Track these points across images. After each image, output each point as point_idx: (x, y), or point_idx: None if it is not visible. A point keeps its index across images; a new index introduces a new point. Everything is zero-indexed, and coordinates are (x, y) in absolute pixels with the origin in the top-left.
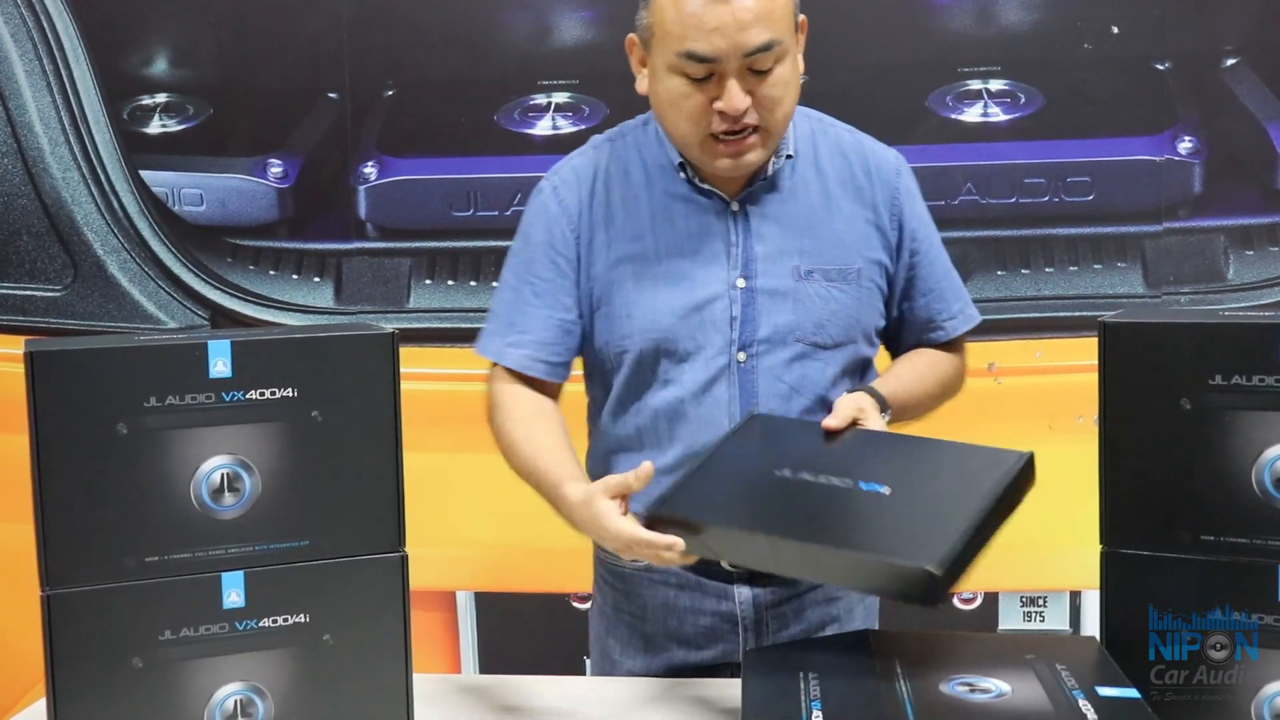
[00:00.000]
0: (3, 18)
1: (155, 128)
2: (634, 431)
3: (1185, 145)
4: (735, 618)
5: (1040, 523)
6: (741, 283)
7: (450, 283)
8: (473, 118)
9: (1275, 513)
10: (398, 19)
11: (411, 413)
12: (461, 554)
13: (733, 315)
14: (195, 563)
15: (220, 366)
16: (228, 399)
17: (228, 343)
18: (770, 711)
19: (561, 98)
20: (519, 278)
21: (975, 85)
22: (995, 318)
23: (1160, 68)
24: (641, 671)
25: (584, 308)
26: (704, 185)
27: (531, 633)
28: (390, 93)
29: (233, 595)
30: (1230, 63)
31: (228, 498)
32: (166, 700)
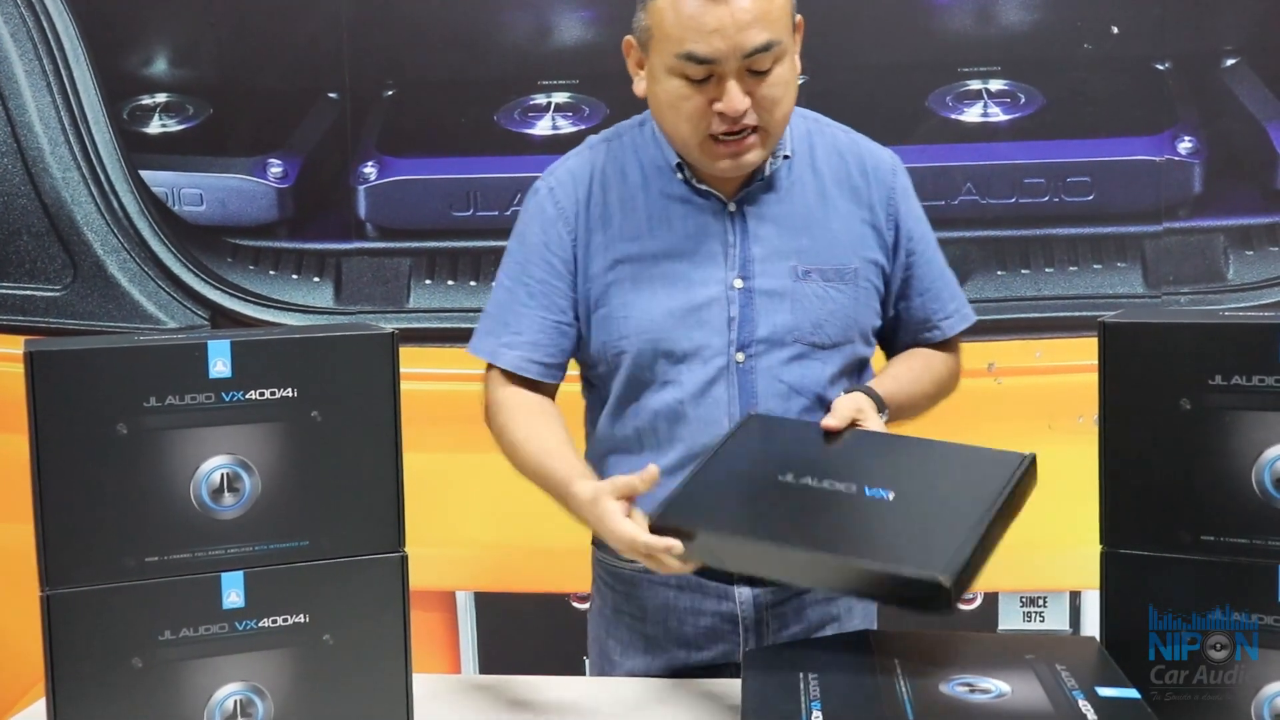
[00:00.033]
0: (2, 17)
1: (155, 128)
2: (632, 433)
3: (1185, 145)
4: (735, 618)
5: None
6: (739, 283)
7: (450, 283)
8: (472, 118)
9: (1275, 513)
10: (398, 19)
11: (411, 413)
12: (461, 554)
13: (730, 316)
14: (195, 563)
15: (220, 366)
16: (227, 399)
17: (227, 343)
18: (770, 711)
19: (561, 98)
20: (514, 279)
21: (975, 85)
22: (995, 318)
23: (1160, 68)
24: (642, 672)
25: (580, 309)
26: (701, 186)
27: (531, 633)
28: (390, 93)
29: (232, 595)
30: (1230, 63)
31: (227, 498)
32: (166, 700)
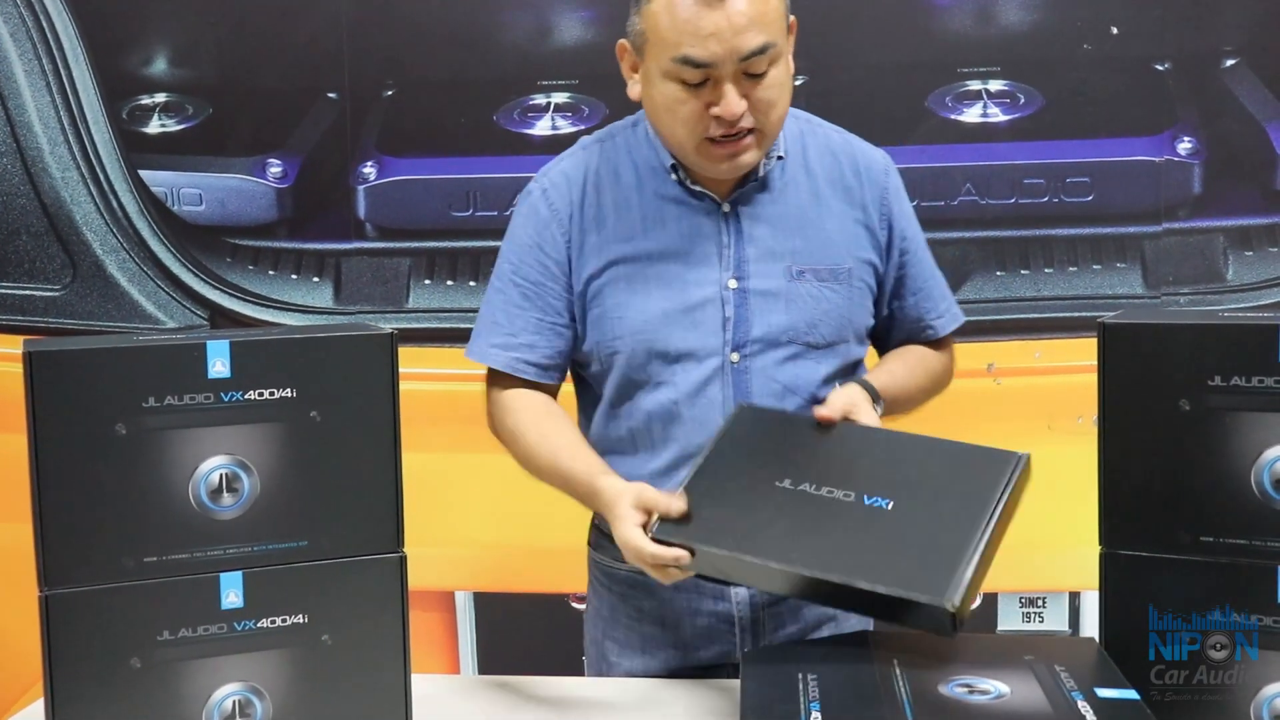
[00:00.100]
0: (2, 17)
1: (154, 127)
2: (626, 434)
3: (1185, 146)
4: (732, 618)
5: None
6: (733, 284)
7: (449, 283)
8: (472, 118)
9: (1274, 514)
10: (397, 19)
11: (410, 413)
12: (460, 554)
13: (726, 316)
14: (194, 563)
15: (219, 367)
16: (226, 399)
17: (227, 343)
18: (769, 712)
19: (561, 98)
20: (507, 281)
21: (975, 86)
22: (995, 318)
23: (1160, 68)
24: (639, 673)
25: (575, 311)
26: (695, 187)
27: (530, 633)
28: (390, 93)
29: (231, 595)
30: (1230, 63)
31: (226, 498)
32: (165, 701)
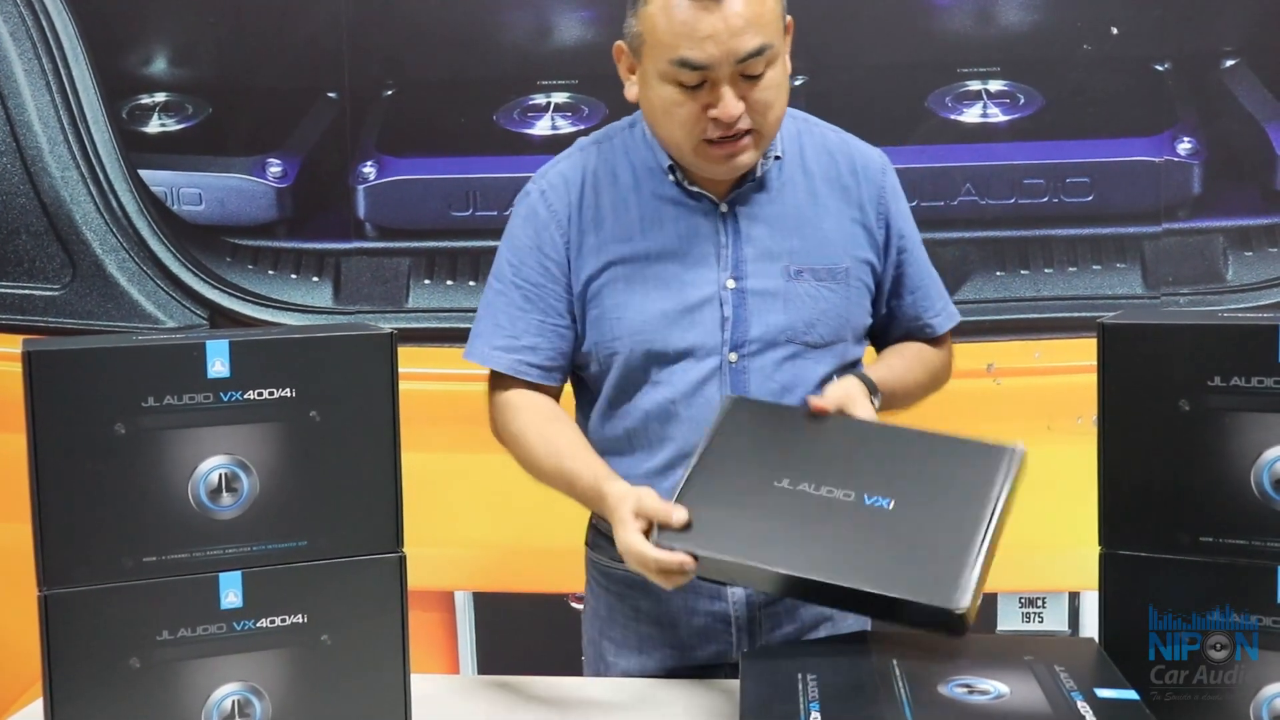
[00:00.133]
0: (2, 17)
1: (154, 127)
2: (623, 434)
3: (1184, 146)
4: (729, 618)
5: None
6: (732, 284)
7: (449, 283)
8: (472, 117)
9: (1274, 514)
10: (397, 19)
11: (410, 413)
12: (460, 554)
13: (724, 316)
14: (193, 563)
15: (218, 366)
16: (226, 399)
17: (226, 343)
18: (769, 712)
19: (561, 98)
20: (506, 283)
21: (975, 86)
22: (994, 318)
23: (1160, 68)
24: (636, 672)
25: (574, 311)
26: (693, 188)
27: (530, 633)
28: (389, 92)
29: (230, 595)
30: (1230, 64)
31: (226, 498)
32: (164, 701)
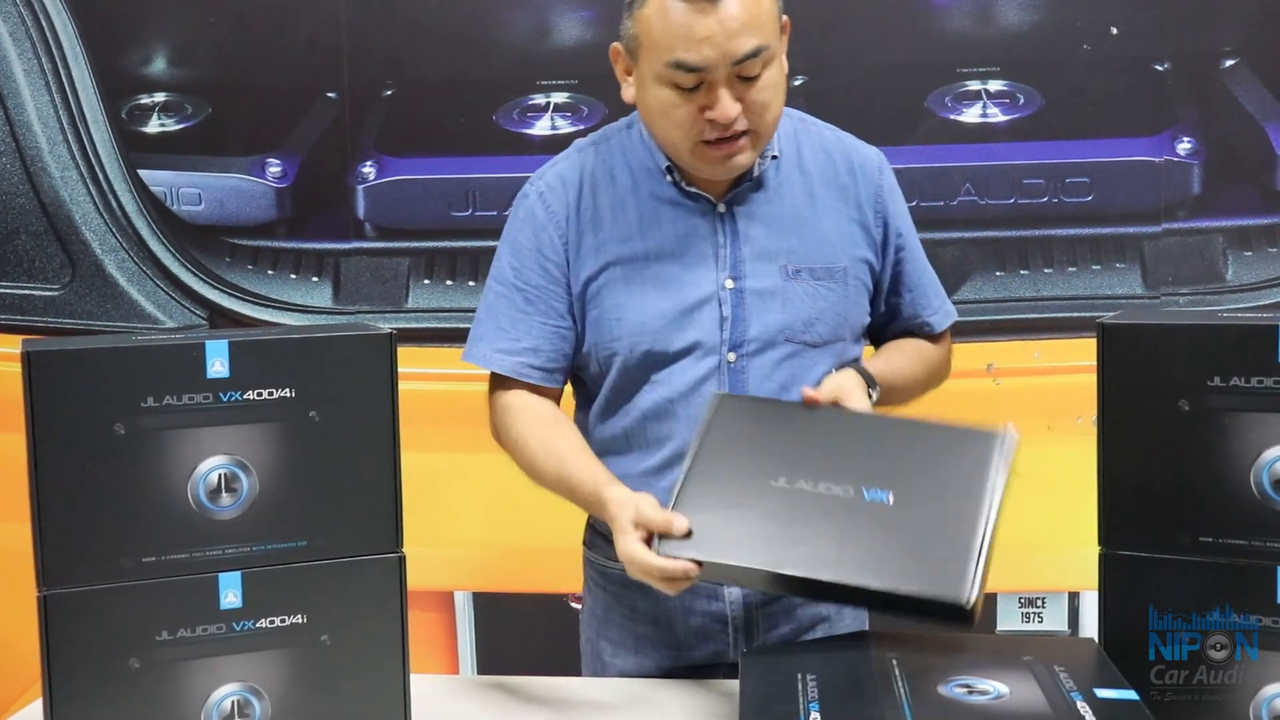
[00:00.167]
0: (1, 16)
1: (154, 127)
2: (621, 433)
3: (1184, 146)
4: (725, 618)
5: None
6: (730, 284)
7: (449, 283)
8: (471, 118)
9: (1274, 515)
10: (397, 19)
11: (410, 413)
12: (459, 554)
13: (723, 316)
14: (192, 563)
15: (218, 367)
16: (225, 399)
17: (225, 343)
18: (768, 712)
19: (560, 98)
20: (507, 285)
21: (974, 86)
22: (994, 318)
23: (1159, 68)
24: (633, 672)
25: (574, 312)
26: (690, 188)
27: (529, 633)
28: (389, 92)
29: (230, 596)
30: (1229, 64)
31: (225, 498)
32: (163, 701)
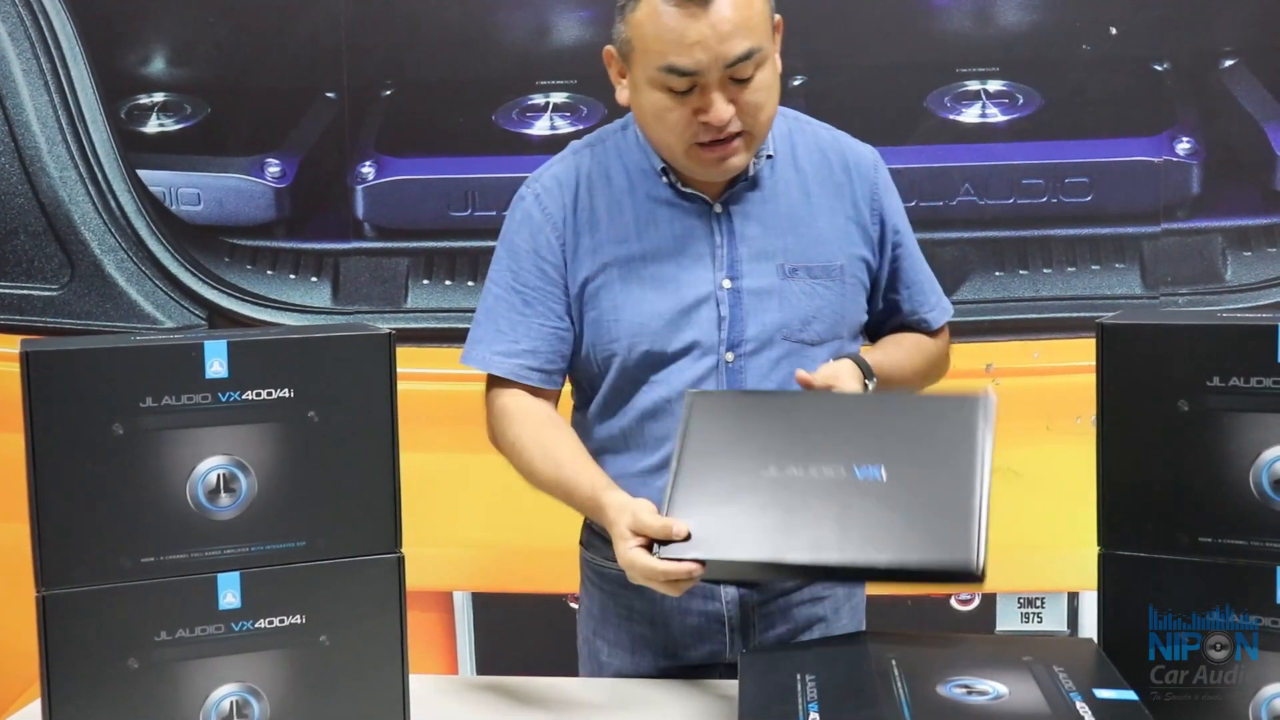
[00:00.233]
0: (0, 16)
1: (153, 127)
2: (619, 433)
3: (1183, 146)
4: (722, 618)
5: (1038, 524)
6: (727, 283)
7: (448, 283)
8: (471, 118)
9: (1273, 515)
10: (396, 19)
11: (409, 413)
12: (458, 554)
13: (721, 315)
14: (191, 563)
15: (216, 367)
16: (224, 399)
17: (224, 343)
18: (767, 712)
19: (560, 98)
20: (505, 287)
21: (973, 86)
22: (993, 318)
23: (1159, 69)
24: (630, 672)
25: (572, 313)
26: (686, 189)
27: (528, 633)
28: (388, 92)
29: (229, 596)
30: (1228, 64)
31: (224, 498)
32: (162, 701)
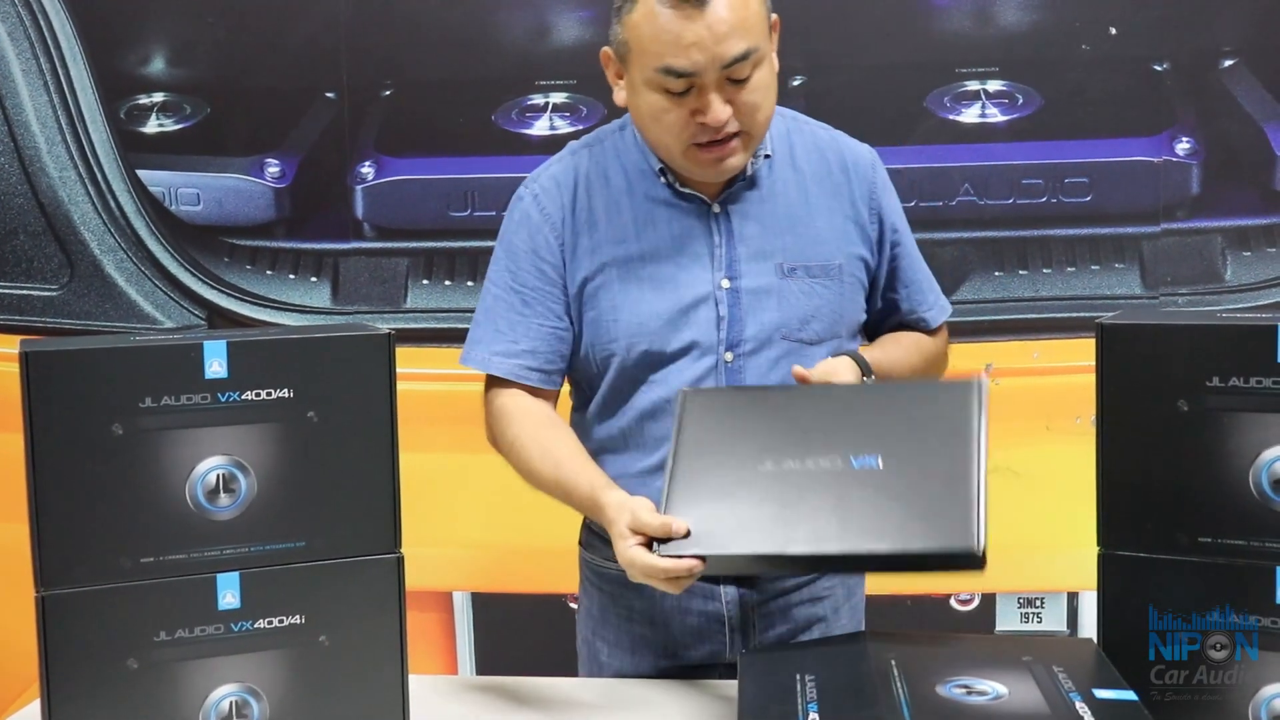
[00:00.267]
0: (0, 16)
1: (152, 127)
2: (618, 433)
3: (1183, 146)
4: (722, 618)
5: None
6: (726, 283)
7: (447, 283)
8: (470, 118)
9: (1273, 515)
10: (396, 19)
11: (408, 413)
12: (458, 554)
13: (720, 315)
14: (190, 564)
15: (216, 367)
16: (223, 399)
17: (223, 343)
18: (766, 713)
19: (559, 98)
20: (504, 287)
21: (973, 86)
22: (993, 318)
23: (1158, 69)
24: (630, 672)
25: (571, 313)
26: (684, 189)
27: (528, 633)
28: (388, 92)
29: (228, 596)
30: (1228, 64)
31: (223, 499)
32: (161, 702)
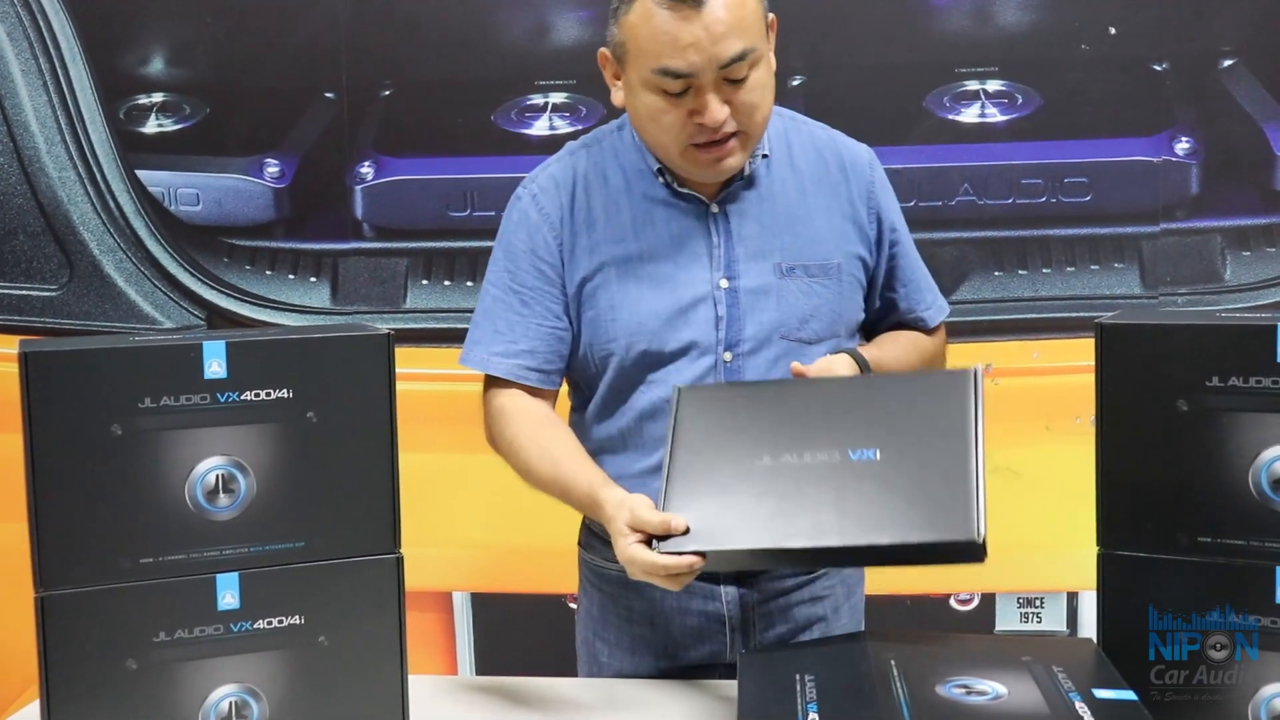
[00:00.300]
0: None
1: (152, 127)
2: (617, 434)
3: (1183, 146)
4: (722, 618)
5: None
6: (724, 283)
7: (447, 283)
8: (470, 118)
9: (1272, 515)
10: (395, 19)
11: (408, 413)
12: (457, 555)
13: (718, 315)
14: (190, 564)
15: (215, 367)
16: (223, 400)
17: (223, 343)
18: (766, 713)
19: (559, 98)
20: (503, 288)
21: (973, 86)
22: (992, 318)
23: (1158, 69)
24: (630, 673)
25: (570, 313)
26: (682, 189)
27: (528, 634)
28: (387, 92)
29: (227, 597)
30: (1228, 64)
31: (223, 499)
32: (161, 702)
